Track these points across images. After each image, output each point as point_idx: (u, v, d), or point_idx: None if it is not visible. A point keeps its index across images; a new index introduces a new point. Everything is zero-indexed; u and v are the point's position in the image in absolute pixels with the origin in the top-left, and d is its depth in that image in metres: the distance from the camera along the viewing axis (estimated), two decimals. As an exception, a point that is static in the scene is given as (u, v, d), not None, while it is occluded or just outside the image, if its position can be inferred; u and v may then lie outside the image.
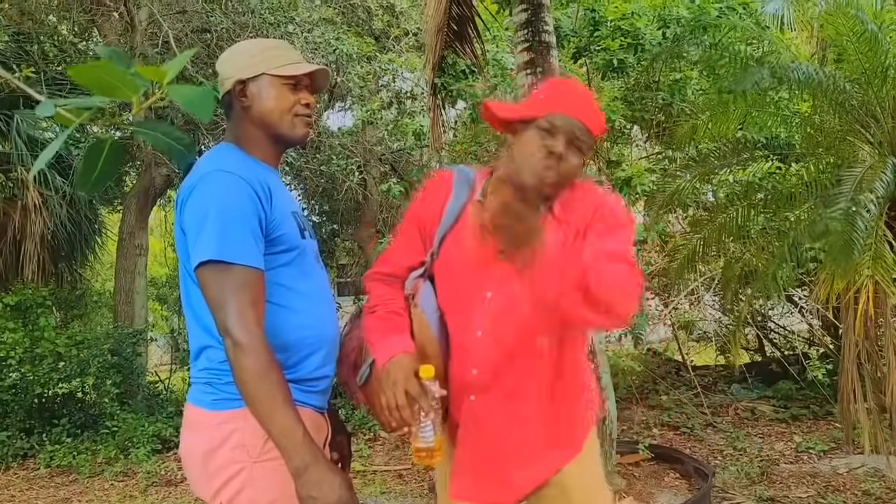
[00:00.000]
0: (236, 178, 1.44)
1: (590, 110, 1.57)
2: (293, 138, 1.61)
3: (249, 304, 1.39)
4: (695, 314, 7.58)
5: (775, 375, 7.03)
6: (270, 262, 1.48)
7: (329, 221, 10.14)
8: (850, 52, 4.36)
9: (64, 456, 5.79)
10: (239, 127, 1.60)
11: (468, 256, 1.61)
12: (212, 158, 1.52)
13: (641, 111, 5.85)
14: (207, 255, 1.39)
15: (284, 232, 1.52)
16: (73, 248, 7.96)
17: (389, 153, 8.60)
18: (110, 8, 7.65)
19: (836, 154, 4.65)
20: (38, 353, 6.12)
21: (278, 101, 1.56)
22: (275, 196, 1.51)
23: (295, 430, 1.35)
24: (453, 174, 1.70)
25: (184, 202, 1.47)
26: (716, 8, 5.26)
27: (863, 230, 3.61)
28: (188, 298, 1.54)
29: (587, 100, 1.60)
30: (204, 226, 1.41)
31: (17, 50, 6.96)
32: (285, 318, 1.51)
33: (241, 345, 1.36)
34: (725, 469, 4.67)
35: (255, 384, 1.36)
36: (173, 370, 9.14)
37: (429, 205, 1.68)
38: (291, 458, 1.35)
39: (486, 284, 1.59)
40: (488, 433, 1.60)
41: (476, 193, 1.64)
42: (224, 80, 1.59)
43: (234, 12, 7.25)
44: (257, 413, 1.37)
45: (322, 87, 1.68)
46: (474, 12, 4.81)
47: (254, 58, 1.57)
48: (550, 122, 1.52)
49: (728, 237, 5.09)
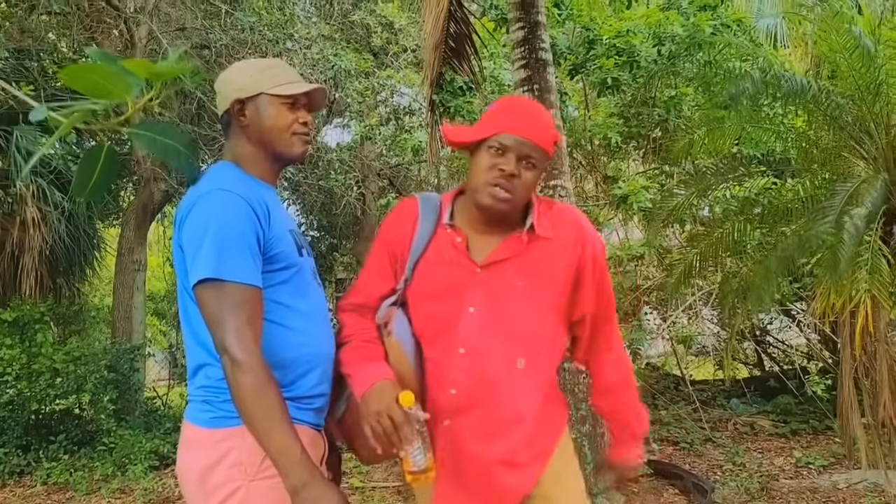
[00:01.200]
0: (235, 197, 1.45)
1: (538, 126, 1.59)
2: (291, 156, 1.63)
3: (247, 322, 1.39)
4: (693, 329, 7.58)
5: (774, 390, 7.03)
6: (268, 280, 1.49)
7: (327, 236, 10.16)
8: (844, 68, 4.40)
9: (61, 473, 5.75)
10: (238, 145, 1.62)
11: (445, 277, 1.63)
12: (211, 177, 1.53)
13: (638, 127, 5.89)
14: (206, 273, 1.40)
15: (282, 250, 1.53)
16: (72, 264, 7.95)
17: (388, 168, 8.65)
18: (110, 25, 7.72)
19: (831, 169, 4.68)
20: (35, 369, 6.09)
21: (276, 119, 1.58)
22: (273, 214, 1.52)
23: (293, 448, 1.36)
24: (418, 201, 1.73)
25: (182, 220, 1.48)
26: (710, 25, 5.31)
27: (850, 244, 3.61)
28: (186, 316, 1.54)
29: (536, 116, 1.63)
30: (202, 244, 1.42)
31: (16, 67, 6.99)
32: (283, 336, 1.51)
33: (238, 363, 1.36)
34: (725, 484, 4.65)
35: (252, 402, 1.36)
36: (171, 386, 9.11)
37: (397, 232, 1.70)
38: (289, 476, 1.35)
39: (467, 301, 1.60)
40: (467, 455, 1.59)
41: (444, 216, 1.67)
42: (223, 99, 1.61)
43: (233, 29, 7.31)
44: (255, 431, 1.37)
45: (319, 106, 1.70)
46: (472, 30, 4.86)
47: (252, 77, 1.59)
48: (499, 141, 1.56)
49: (724, 252, 5.11)
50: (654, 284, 6.77)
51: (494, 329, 1.59)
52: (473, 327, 1.59)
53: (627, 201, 4.70)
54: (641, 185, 4.84)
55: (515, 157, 1.55)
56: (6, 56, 6.56)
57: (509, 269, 1.62)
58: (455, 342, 1.60)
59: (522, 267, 1.62)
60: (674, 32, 5.29)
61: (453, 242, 1.64)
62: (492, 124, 1.59)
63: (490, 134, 1.57)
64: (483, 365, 1.58)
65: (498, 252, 1.63)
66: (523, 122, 1.58)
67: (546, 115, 1.69)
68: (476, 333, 1.59)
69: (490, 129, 1.58)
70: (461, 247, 1.63)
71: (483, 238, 1.65)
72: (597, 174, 6.53)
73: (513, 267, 1.62)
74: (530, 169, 1.58)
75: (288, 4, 7.79)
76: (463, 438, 1.60)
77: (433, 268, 1.64)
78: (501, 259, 1.62)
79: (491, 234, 1.64)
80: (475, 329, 1.59)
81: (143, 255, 8.20)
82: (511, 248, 1.63)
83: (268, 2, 7.61)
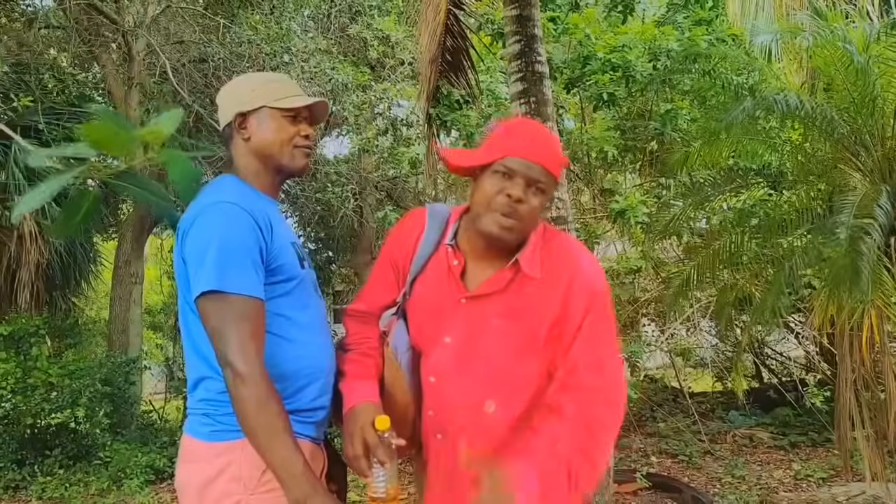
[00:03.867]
0: (238, 209, 1.46)
1: (547, 150, 1.53)
2: (293, 169, 1.64)
3: (250, 335, 1.39)
4: (692, 341, 7.58)
5: (773, 402, 7.01)
6: (270, 293, 1.49)
7: (325, 248, 10.16)
8: (839, 81, 4.43)
9: (56, 487, 5.70)
10: (240, 158, 1.62)
11: (435, 299, 1.60)
12: (213, 190, 1.54)
13: (634, 140, 5.92)
14: (208, 285, 1.40)
15: (284, 262, 1.53)
16: (68, 277, 7.94)
17: (385, 180, 8.66)
18: (108, 39, 7.74)
19: (827, 181, 4.70)
20: (30, 383, 6.06)
21: (278, 132, 1.59)
22: (275, 227, 1.53)
23: (295, 461, 1.35)
24: (427, 213, 1.68)
25: (185, 233, 1.48)
26: (705, 40, 5.35)
27: (869, 257, 3.61)
28: (187, 329, 1.54)
29: (544, 139, 1.56)
30: (205, 256, 1.42)
31: (16, 80, 7.01)
32: (284, 349, 1.51)
33: (241, 375, 1.36)
34: (724, 497, 4.63)
35: (254, 415, 1.36)
36: (168, 399, 9.06)
37: (402, 244, 1.67)
38: (291, 489, 1.34)
39: (445, 329, 1.57)
40: (455, 472, 1.57)
41: (448, 235, 1.62)
42: (224, 112, 1.62)
43: (232, 42, 7.34)
44: (257, 444, 1.37)
45: (321, 119, 1.71)
46: (468, 43, 4.88)
47: (254, 91, 1.60)
48: (506, 165, 1.48)
49: (721, 264, 5.12)
50: (652, 297, 6.77)
51: (466, 365, 1.55)
52: (447, 359, 1.56)
53: (625, 216, 4.71)
54: (639, 200, 4.85)
55: (524, 182, 1.48)
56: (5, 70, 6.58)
57: (491, 305, 1.55)
58: (428, 369, 1.59)
59: (504, 305, 1.54)
60: (669, 48, 5.32)
61: (450, 265, 1.59)
62: (498, 147, 1.51)
63: (496, 158, 1.50)
64: (449, 400, 1.56)
65: (485, 285, 1.56)
66: (531, 146, 1.51)
67: (554, 138, 1.62)
68: (448, 366, 1.56)
69: (496, 152, 1.50)
70: (456, 271, 1.58)
71: (480, 265, 1.59)
72: (594, 187, 6.55)
73: (495, 303, 1.55)
74: (538, 195, 1.50)
75: (285, 19, 7.83)
76: (451, 455, 1.58)
77: (428, 287, 1.62)
78: (486, 293, 1.56)
79: (489, 262, 1.58)
80: (449, 361, 1.56)
81: (140, 267, 8.18)
82: (496, 283, 1.55)
83: (265, 16, 7.65)
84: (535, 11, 4.10)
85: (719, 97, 5.12)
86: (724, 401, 7.48)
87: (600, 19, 6.00)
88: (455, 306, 1.57)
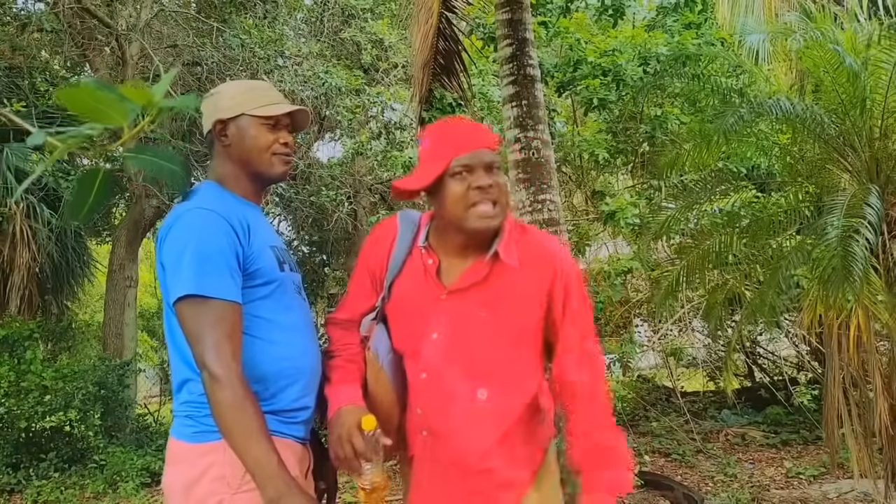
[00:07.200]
0: (214, 215, 1.49)
1: (481, 134, 1.62)
2: (271, 176, 1.67)
3: (226, 338, 1.42)
4: (683, 340, 7.63)
5: (764, 401, 7.06)
6: (249, 296, 1.52)
7: (319, 252, 10.15)
8: (828, 83, 4.47)
9: (51, 491, 5.71)
10: (220, 165, 1.65)
11: (415, 299, 1.64)
12: (192, 197, 1.57)
13: (626, 142, 5.96)
14: (185, 289, 1.44)
15: (262, 266, 1.56)
16: (61, 281, 7.93)
17: (379, 183, 8.67)
18: (102, 43, 7.75)
19: (816, 182, 4.74)
20: (24, 386, 6.06)
21: (256, 140, 1.61)
22: (253, 231, 1.56)
23: (269, 461, 1.38)
24: (398, 220, 1.74)
25: (163, 239, 1.52)
26: (693, 44, 5.39)
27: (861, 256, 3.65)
28: (171, 333, 1.57)
29: (472, 127, 1.67)
30: (182, 261, 1.45)
31: (8, 84, 7.01)
32: (263, 350, 1.54)
33: (217, 377, 1.39)
34: (716, 496, 4.67)
35: (230, 416, 1.39)
36: (163, 402, 9.06)
37: (376, 251, 1.72)
38: (265, 488, 1.37)
39: (431, 326, 1.62)
40: (441, 469, 1.61)
41: (420, 237, 1.68)
42: (206, 119, 1.65)
43: (225, 46, 7.35)
44: (233, 444, 1.40)
45: (303, 126, 1.73)
46: (461, 47, 4.91)
47: (233, 99, 1.63)
48: (460, 164, 1.55)
49: (710, 265, 5.15)
50: (644, 297, 6.82)
51: (456, 358, 1.59)
52: (436, 353, 1.61)
53: (615, 218, 4.74)
54: (628, 202, 4.89)
55: (483, 169, 1.56)
56: (-2, 74, 6.58)
57: (473, 297, 1.60)
58: (419, 367, 1.62)
59: (486, 296, 1.59)
60: (658, 52, 5.37)
61: (425, 264, 1.65)
62: (440, 156, 1.57)
63: (446, 164, 1.55)
64: (442, 393, 1.60)
65: (463, 279, 1.61)
66: (468, 137, 1.59)
67: (473, 122, 1.71)
68: (438, 360, 1.60)
69: (441, 160, 1.56)
70: (432, 270, 1.64)
71: (454, 262, 1.64)
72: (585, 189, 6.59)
73: (476, 295, 1.59)
74: (498, 173, 1.59)
75: (278, 22, 7.86)
76: (439, 450, 1.62)
77: (406, 288, 1.67)
78: (466, 286, 1.60)
79: (463, 258, 1.63)
80: (438, 355, 1.60)
81: (134, 271, 8.19)
82: (475, 275, 1.60)
83: (259, 20, 7.67)
84: (526, 15, 4.13)
85: (709, 100, 5.16)
86: (716, 400, 7.53)
87: (591, 23, 6.05)
88: (436, 303, 1.62)
